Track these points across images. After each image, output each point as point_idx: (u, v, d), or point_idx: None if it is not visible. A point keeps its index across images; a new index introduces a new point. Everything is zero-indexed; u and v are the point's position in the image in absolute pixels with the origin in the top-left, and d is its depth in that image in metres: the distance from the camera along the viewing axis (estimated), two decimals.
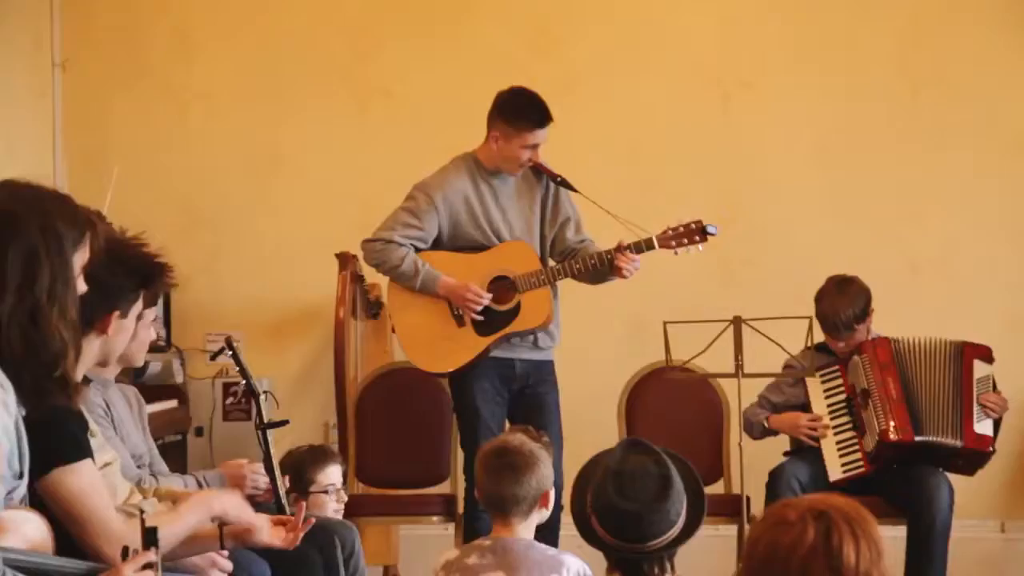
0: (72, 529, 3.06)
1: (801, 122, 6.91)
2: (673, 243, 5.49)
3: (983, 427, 5.72)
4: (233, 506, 3.48)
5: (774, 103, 6.93)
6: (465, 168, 5.56)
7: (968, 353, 5.79)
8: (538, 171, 5.63)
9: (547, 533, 4.42)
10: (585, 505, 3.41)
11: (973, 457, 5.76)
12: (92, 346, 3.35)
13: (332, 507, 4.76)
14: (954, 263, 6.78)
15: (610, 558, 3.42)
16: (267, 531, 3.55)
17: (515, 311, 5.49)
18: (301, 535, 3.61)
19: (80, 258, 2.96)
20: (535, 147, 5.45)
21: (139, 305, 3.52)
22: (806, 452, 5.85)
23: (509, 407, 5.59)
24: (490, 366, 5.53)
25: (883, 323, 5.99)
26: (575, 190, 5.64)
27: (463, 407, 5.58)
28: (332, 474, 4.80)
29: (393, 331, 5.68)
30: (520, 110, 5.44)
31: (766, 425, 5.91)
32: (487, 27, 6.89)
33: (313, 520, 3.70)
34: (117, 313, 3.41)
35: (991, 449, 5.75)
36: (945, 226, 6.84)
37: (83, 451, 3.10)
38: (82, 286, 2.98)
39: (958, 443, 5.69)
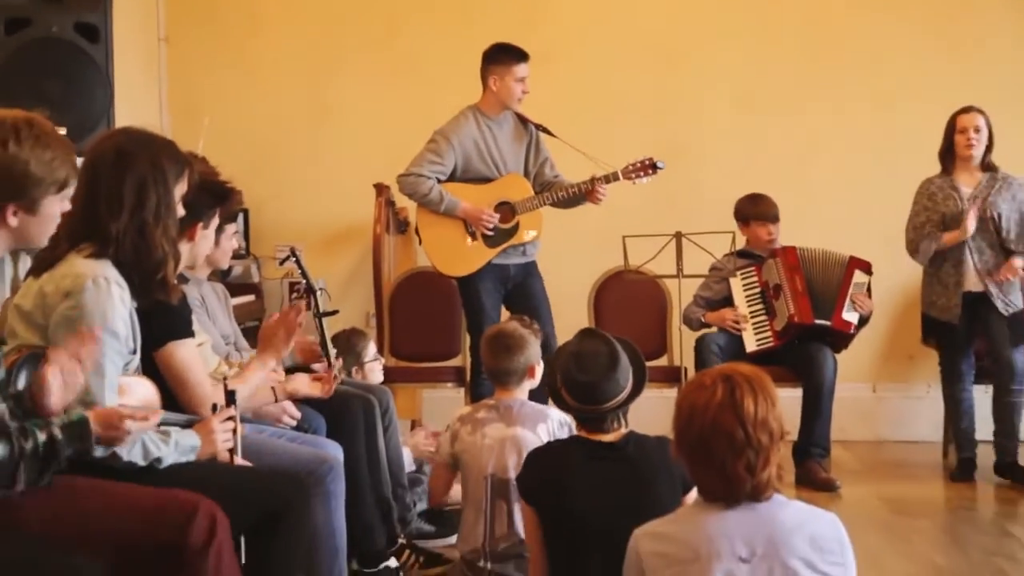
0: (177, 391, 3.10)
1: (725, 81, 6.87)
2: (632, 175, 5.53)
3: (850, 316, 5.78)
4: (296, 389, 3.53)
5: (705, 66, 6.87)
6: (472, 117, 5.54)
7: (852, 263, 5.83)
8: (524, 121, 5.64)
9: (542, 392, 4.50)
10: (556, 380, 3.44)
11: (840, 336, 5.83)
12: (183, 250, 3.37)
13: (379, 370, 4.81)
14: (843, 191, 6.77)
15: (577, 418, 3.48)
16: (306, 384, 3.61)
17: (515, 228, 5.54)
18: (334, 387, 3.66)
19: (180, 189, 2.97)
20: (523, 80, 5.47)
21: (216, 219, 3.52)
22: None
23: (505, 299, 5.63)
24: (490, 270, 5.57)
25: (788, 236, 6.02)
26: (552, 135, 5.66)
27: (470, 301, 5.62)
28: (373, 347, 4.85)
29: (420, 244, 5.69)
30: (504, 53, 5.49)
31: (703, 320, 5.95)
32: (489, 9, 6.83)
33: (343, 376, 3.74)
34: (200, 224, 3.41)
35: (852, 332, 5.83)
36: (836, 161, 6.82)
37: (189, 330, 3.14)
38: (180, 211, 3.00)
39: (828, 324, 5.76)
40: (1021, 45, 6.81)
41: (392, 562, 3.93)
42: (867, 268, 5.86)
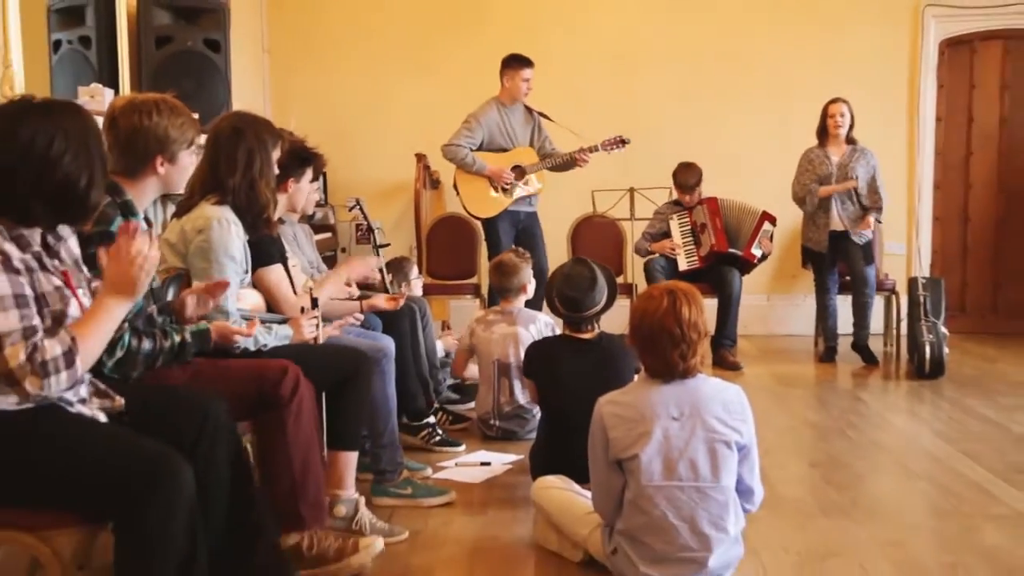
0: (270, 302, 3.11)
1: (665, 79, 6.78)
2: (609, 148, 5.55)
3: (755, 251, 5.80)
4: (353, 269, 3.54)
5: (652, 69, 6.79)
6: (494, 105, 5.56)
7: (764, 216, 5.82)
8: (529, 110, 5.64)
9: (537, 302, 4.52)
10: (552, 293, 3.46)
11: (746, 263, 5.83)
12: (281, 199, 3.34)
13: (420, 285, 4.81)
14: (751, 158, 6.70)
15: (564, 321, 3.50)
16: (383, 301, 3.61)
17: (525, 184, 5.57)
18: (400, 304, 3.67)
19: (275, 154, 2.96)
20: (528, 80, 5.50)
21: (308, 175, 3.47)
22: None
23: (515, 237, 5.62)
24: (507, 215, 5.60)
25: (713, 187, 5.97)
26: (549, 119, 5.68)
27: (491, 237, 5.65)
28: (415, 269, 4.85)
29: (458, 194, 5.68)
30: (515, 60, 5.52)
31: (648, 248, 5.93)
32: (497, 29, 6.72)
33: (405, 297, 3.75)
34: (292, 179, 3.38)
35: (755, 262, 5.84)
36: (745, 137, 6.75)
37: (273, 260, 3.13)
38: (276, 169, 2.98)
39: (739, 253, 5.76)
40: (875, 56, 6.76)
41: (431, 419, 3.96)
42: (773, 220, 5.85)
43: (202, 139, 2.78)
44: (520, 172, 5.53)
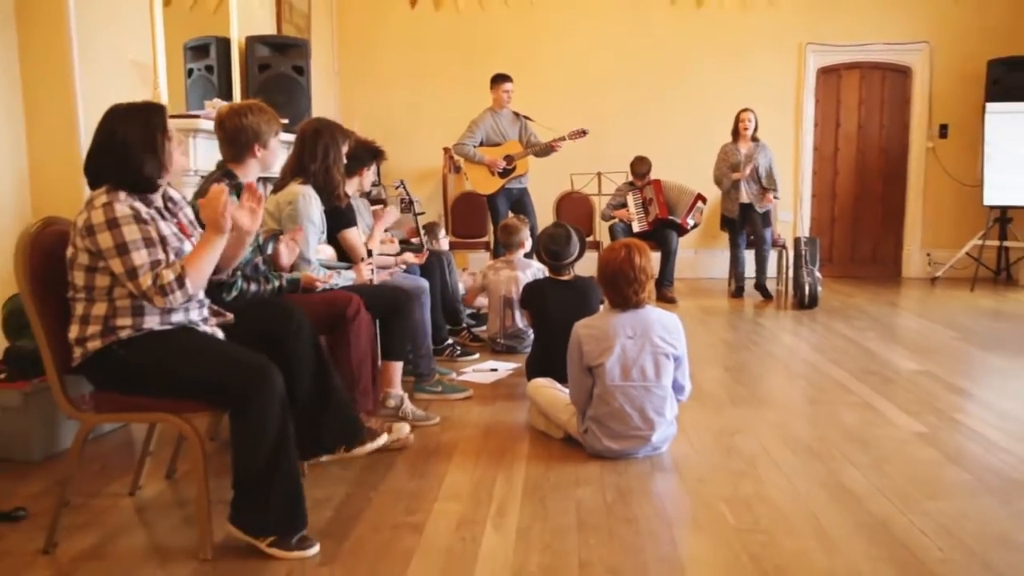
0: (348, 252, 3.07)
1: (623, 88, 6.63)
2: (574, 137, 5.35)
3: (689, 220, 5.67)
4: (387, 220, 3.49)
5: (612, 84, 6.64)
6: (488, 112, 5.39)
7: (697, 196, 5.68)
8: (517, 114, 5.48)
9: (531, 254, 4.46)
10: (539, 247, 3.42)
11: (682, 229, 5.69)
12: (353, 182, 3.27)
13: (446, 242, 4.73)
14: (685, 151, 6.56)
15: (548, 267, 3.45)
16: (411, 257, 3.56)
17: (513, 168, 5.41)
18: (424, 258, 3.62)
19: (344, 148, 2.90)
20: (508, 92, 5.32)
21: (375, 164, 3.42)
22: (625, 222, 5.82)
23: (512, 207, 5.49)
24: (503, 192, 5.43)
25: (658, 172, 5.86)
26: (531, 119, 5.51)
27: (492, 208, 5.49)
28: (443, 231, 4.76)
29: (467, 180, 5.57)
30: (497, 78, 5.35)
31: (611, 215, 5.82)
32: (500, 56, 6.52)
33: (428, 253, 3.70)
34: (364, 168, 3.32)
35: (689, 229, 5.70)
36: (681, 135, 6.62)
37: (352, 223, 3.09)
38: (344, 159, 2.93)
39: (677, 220, 5.66)
40: (771, 79, 6.64)
41: (449, 340, 3.93)
42: (704, 200, 5.75)
43: (290, 136, 2.72)
44: (509, 159, 5.41)
